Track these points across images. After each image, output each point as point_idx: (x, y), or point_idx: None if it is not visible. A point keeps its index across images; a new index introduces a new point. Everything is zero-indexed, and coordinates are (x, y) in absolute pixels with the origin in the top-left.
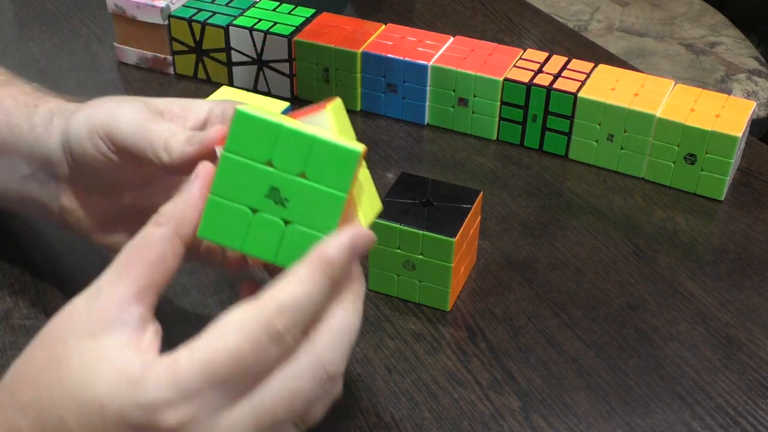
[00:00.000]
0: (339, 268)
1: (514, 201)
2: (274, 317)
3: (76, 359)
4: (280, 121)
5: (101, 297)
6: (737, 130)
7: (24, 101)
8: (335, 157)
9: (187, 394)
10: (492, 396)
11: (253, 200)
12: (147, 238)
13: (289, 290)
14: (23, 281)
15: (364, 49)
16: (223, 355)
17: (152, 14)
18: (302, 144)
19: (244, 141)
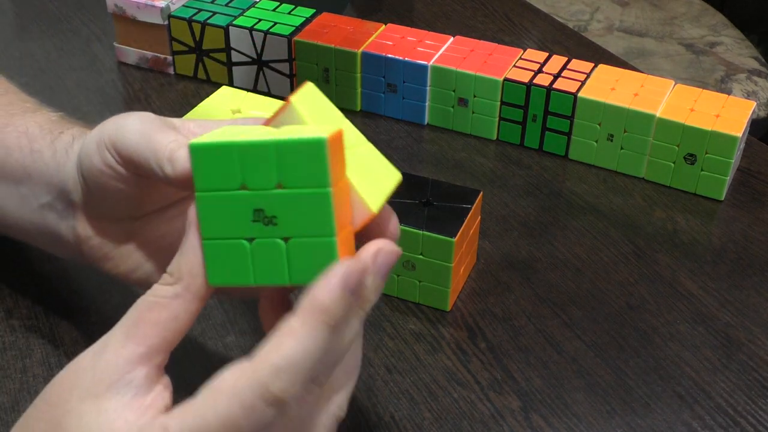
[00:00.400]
0: (337, 312)
1: (514, 201)
2: (269, 381)
3: (76, 424)
4: (233, 140)
5: (107, 356)
6: (737, 130)
7: (49, 128)
8: (302, 154)
9: None
10: (492, 396)
11: (244, 230)
12: (159, 295)
13: (283, 349)
14: (23, 281)
15: (364, 49)
16: (213, 423)
17: (152, 14)
18: (264, 154)
19: (210, 174)
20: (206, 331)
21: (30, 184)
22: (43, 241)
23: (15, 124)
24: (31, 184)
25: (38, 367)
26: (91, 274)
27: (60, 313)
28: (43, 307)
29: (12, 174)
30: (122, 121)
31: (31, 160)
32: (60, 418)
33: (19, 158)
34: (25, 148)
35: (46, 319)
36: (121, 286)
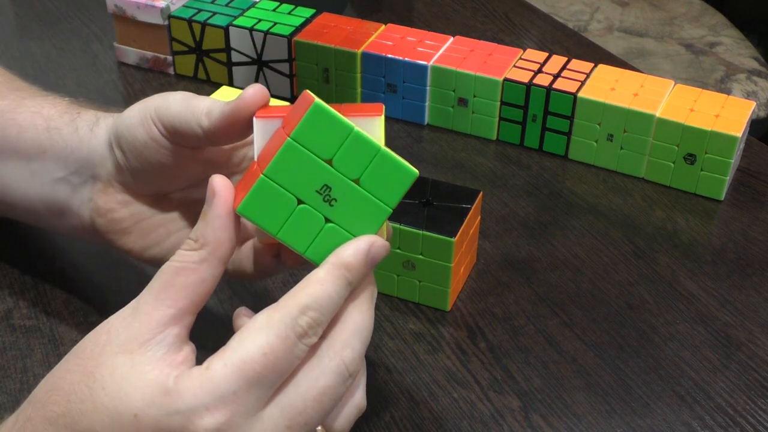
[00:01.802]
0: (356, 272)
1: (514, 201)
2: (299, 316)
3: (109, 374)
4: (352, 124)
5: (139, 317)
6: (737, 130)
7: (65, 109)
8: (393, 173)
9: (223, 397)
10: (492, 396)
11: (303, 192)
12: (185, 260)
13: (309, 291)
14: (23, 281)
15: (364, 50)
16: (256, 354)
17: (152, 14)
18: (366, 151)
19: (313, 133)
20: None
21: (44, 159)
22: (48, 216)
23: (27, 104)
24: (45, 160)
25: (38, 367)
26: (91, 274)
27: (60, 313)
28: (43, 307)
29: (25, 151)
30: (165, 96)
31: (47, 137)
32: (93, 369)
33: (33, 135)
34: (40, 126)
35: (46, 319)
36: (122, 286)
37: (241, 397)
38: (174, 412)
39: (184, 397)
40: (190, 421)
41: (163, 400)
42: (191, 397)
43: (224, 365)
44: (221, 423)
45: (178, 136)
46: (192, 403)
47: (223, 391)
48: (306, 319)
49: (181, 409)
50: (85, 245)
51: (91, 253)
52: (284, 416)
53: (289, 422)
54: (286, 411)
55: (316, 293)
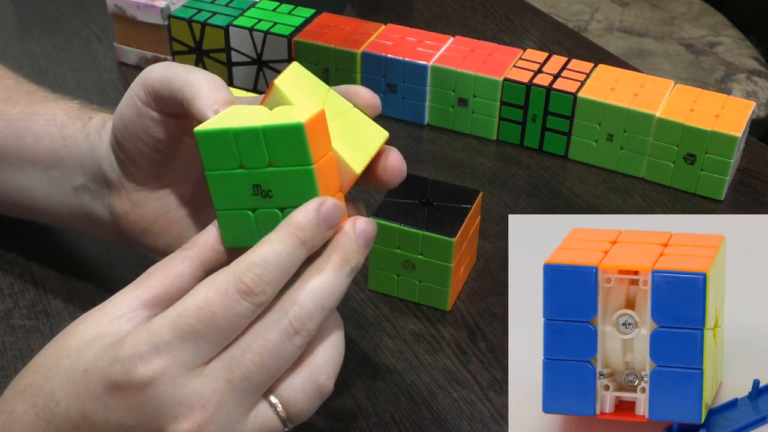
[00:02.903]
0: (308, 230)
1: (514, 201)
2: (242, 273)
3: (75, 344)
4: (229, 126)
5: (114, 299)
6: (737, 130)
7: (77, 114)
8: (286, 137)
9: (157, 346)
10: (492, 396)
11: (247, 202)
12: (170, 257)
13: (257, 250)
14: (23, 281)
15: (364, 49)
16: (192, 308)
17: (152, 14)
18: (254, 138)
19: (214, 155)
20: None
21: (62, 168)
22: (77, 223)
23: (40, 112)
24: (63, 168)
25: None
26: (91, 274)
27: (60, 312)
28: (43, 307)
29: (42, 160)
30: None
31: (63, 145)
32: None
33: (49, 144)
34: (55, 134)
35: (46, 319)
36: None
37: (175, 349)
38: (114, 361)
39: (124, 345)
40: (128, 369)
41: (107, 352)
42: (129, 346)
43: (162, 317)
44: (156, 372)
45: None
46: (129, 351)
47: (157, 341)
48: (250, 275)
49: (120, 358)
50: (84, 245)
51: (91, 252)
52: (224, 369)
53: (228, 375)
54: (226, 364)
55: (263, 251)
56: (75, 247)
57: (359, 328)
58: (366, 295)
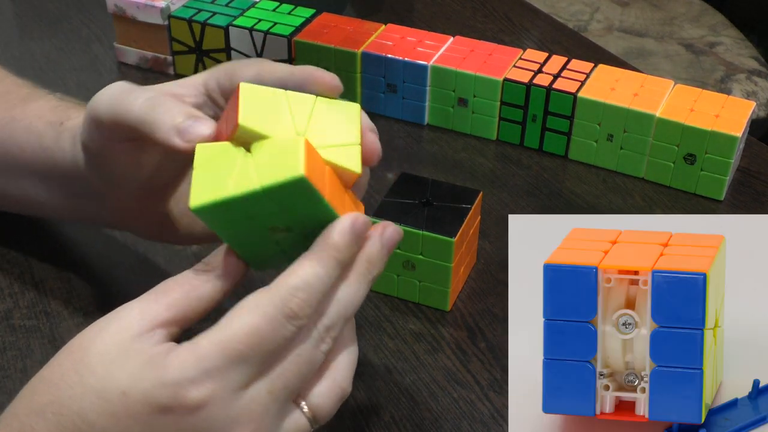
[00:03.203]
0: (345, 251)
1: (514, 201)
2: (288, 299)
3: (98, 360)
4: (225, 195)
5: (132, 312)
6: (737, 130)
7: (49, 119)
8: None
9: (208, 371)
10: (492, 396)
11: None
12: (192, 277)
13: (299, 273)
14: (23, 281)
15: (364, 49)
16: (241, 333)
17: (152, 14)
18: (256, 198)
19: (218, 221)
20: None
21: (54, 177)
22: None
23: (18, 119)
24: (56, 178)
25: (38, 367)
26: (91, 274)
27: (60, 313)
28: (43, 307)
29: (35, 169)
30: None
31: (46, 157)
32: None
33: (32, 155)
34: (35, 146)
35: (46, 319)
36: (122, 286)
37: (225, 373)
38: (161, 385)
39: (170, 371)
40: (177, 393)
41: (150, 374)
42: (178, 370)
43: (210, 342)
44: (206, 396)
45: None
46: (178, 376)
47: (208, 366)
48: (296, 300)
49: (168, 382)
50: (85, 245)
51: (91, 252)
52: (267, 382)
53: (270, 387)
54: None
55: (306, 275)
56: (75, 247)
57: (359, 328)
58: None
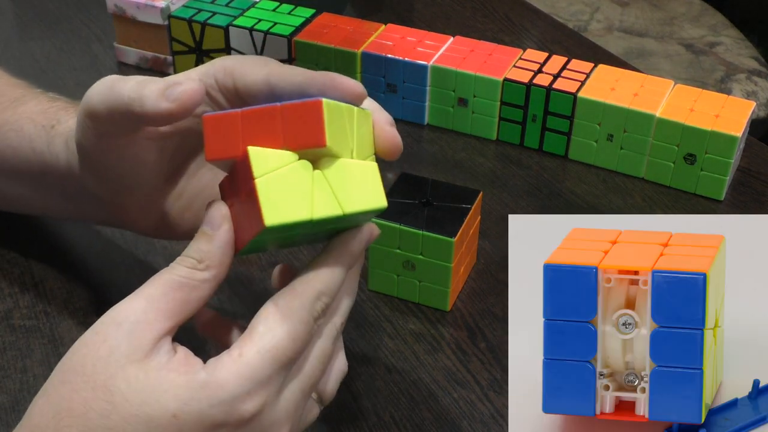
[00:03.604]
0: (359, 257)
1: (514, 201)
2: (315, 303)
3: (126, 385)
4: (309, 215)
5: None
6: (737, 130)
7: (41, 122)
8: (365, 215)
9: (260, 381)
10: (492, 396)
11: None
12: (188, 277)
13: (322, 278)
14: (23, 281)
15: (364, 49)
16: (286, 341)
17: (152, 14)
18: (332, 219)
19: (281, 231)
20: None
21: (49, 180)
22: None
23: (9, 122)
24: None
25: (38, 367)
26: (90, 274)
27: (60, 313)
28: (43, 307)
29: (29, 172)
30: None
31: (39, 161)
32: (105, 383)
33: (26, 159)
34: (27, 150)
35: (46, 319)
36: (122, 286)
37: (274, 380)
38: (218, 403)
39: (226, 387)
40: (234, 408)
41: (202, 394)
42: (233, 385)
43: (257, 352)
44: (260, 405)
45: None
46: (234, 391)
47: (261, 376)
48: (320, 304)
49: (225, 399)
50: (85, 245)
51: (91, 253)
52: (299, 381)
53: (302, 385)
54: (300, 378)
55: (328, 280)
56: (75, 247)
57: (359, 328)
58: (366, 295)
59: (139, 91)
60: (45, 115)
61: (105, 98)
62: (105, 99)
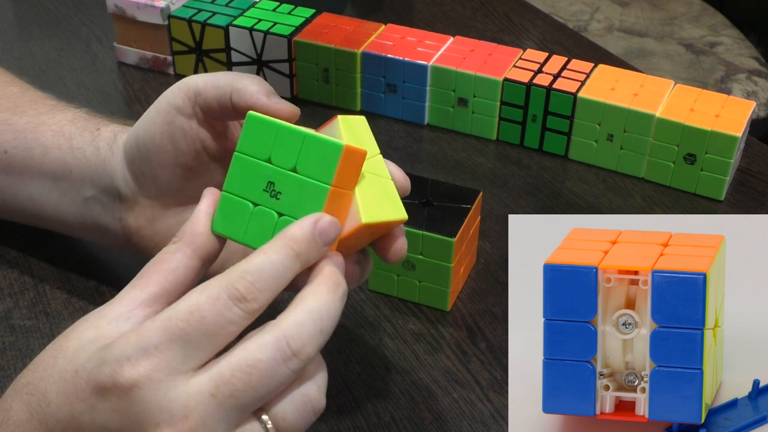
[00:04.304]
0: (303, 244)
1: (514, 201)
2: (235, 280)
3: (72, 345)
4: (280, 122)
5: (113, 302)
6: (737, 130)
7: (84, 125)
8: (321, 151)
9: (146, 348)
10: (492, 396)
11: (254, 195)
12: (162, 252)
13: (251, 260)
14: (23, 281)
15: (364, 49)
16: (183, 312)
17: (152, 14)
18: (295, 140)
19: (252, 140)
20: None
21: (71, 180)
22: (87, 233)
23: (47, 123)
24: (73, 180)
25: None
26: (91, 274)
27: (60, 312)
28: (43, 307)
29: (52, 171)
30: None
31: (72, 157)
32: (61, 344)
33: (57, 156)
34: (63, 146)
35: (46, 319)
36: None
37: (163, 352)
38: (103, 363)
39: (112, 349)
40: (115, 371)
41: (98, 354)
42: (118, 348)
43: (152, 321)
44: (141, 374)
45: (204, 103)
46: (117, 353)
47: (146, 343)
48: (243, 282)
49: (108, 359)
50: (85, 245)
51: (91, 253)
52: (210, 382)
53: (214, 390)
54: (213, 378)
55: (257, 260)
56: (75, 247)
57: (359, 328)
58: (366, 295)
59: (238, 79)
60: (88, 121)
61: (210, 78)
62: (210, 78)
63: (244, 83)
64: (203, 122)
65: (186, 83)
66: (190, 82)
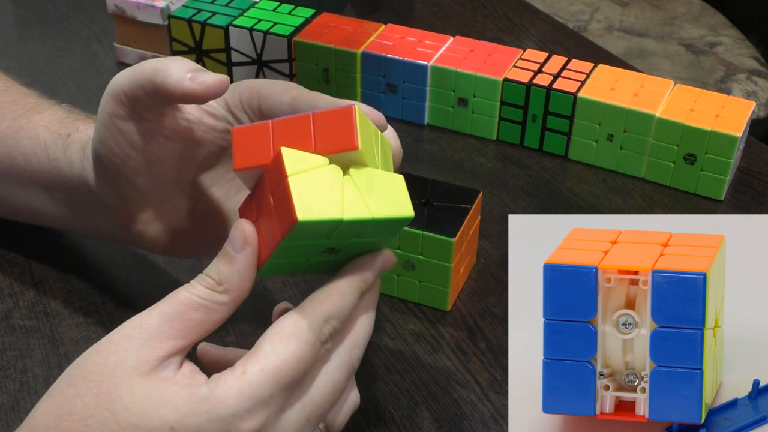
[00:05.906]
0: (370, 285)
1: (514, 201)
2: (323, 325)
3: (128, 395)
4: (340, 216)
5: (151, 342)
6: (737, 130)
7: (57, 130)
8: (391, 225)
9: (261, 400)
10: (492, 396)
11: (312, 257)
12: (206, 299)
13: (332, 302)
14: (23, 281)
15: (364, 49)
16: (291, 361)
17: (152, 14)
18: (359, 224)
19: (306, 234)
20: None
21: (59, 188)
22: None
23: (24, 128)
24: (60, 189)
25: (38, 367)
26: (90, 274)
27: (60, 313)
28: (43, 307)
29: (38, 180)
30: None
31: (51, 168)
32: (108, 392)
33: (38, 166)
34: (41, 156)
35: (46, 319)
36: (122, 286)
37: (276, 399)
38: (216, 419)
39: (225, 403)
40: (232, 425)
41: (201, 408)
42: (233, 402)
43: (261, 370)
44: (260, 424)
45: (134, 103)
46: (234, 408)
47: (261, 395)
48: (329, 327)
49: (224, 415)
50: (85, 245)
51: (91, 253)
52: (305, 410)
53: (308, 415)
54: (307, 406)
55: (338, 304)
56: (75, 247)
57: None
58: None
59: (165, 63)
60: (62, 124)
61: (130, 75)
62: (130, 76)
63: (165, 64)
64: (151, 115)
65: (111, 86)
66: (115, 83)
